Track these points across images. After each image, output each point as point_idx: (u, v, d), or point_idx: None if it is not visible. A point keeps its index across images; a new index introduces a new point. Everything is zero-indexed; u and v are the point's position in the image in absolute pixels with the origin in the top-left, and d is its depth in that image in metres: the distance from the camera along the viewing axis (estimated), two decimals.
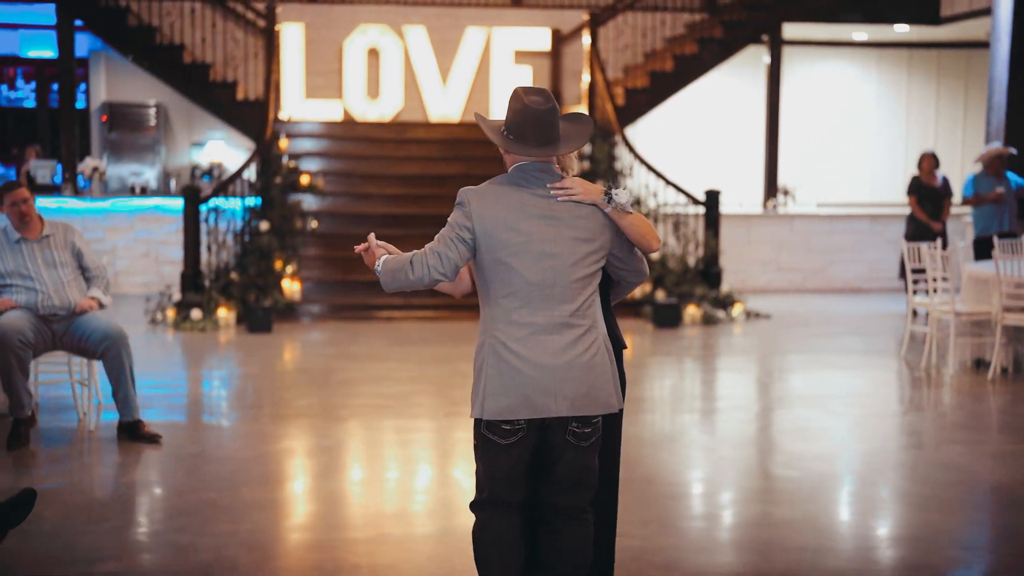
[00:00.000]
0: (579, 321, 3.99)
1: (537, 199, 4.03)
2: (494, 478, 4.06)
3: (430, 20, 16.51)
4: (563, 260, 3.99)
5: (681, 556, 5.33)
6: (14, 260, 7.35)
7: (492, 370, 3.98)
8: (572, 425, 4.00)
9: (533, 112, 4.02)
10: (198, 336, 11.66)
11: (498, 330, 4.00)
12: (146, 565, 5.14)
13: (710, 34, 15.88)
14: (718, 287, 13.36)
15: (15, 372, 7.06)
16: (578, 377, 3.96)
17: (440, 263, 4.02)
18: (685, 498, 6.37)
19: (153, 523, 5.87)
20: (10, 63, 17.10)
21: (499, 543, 4.10)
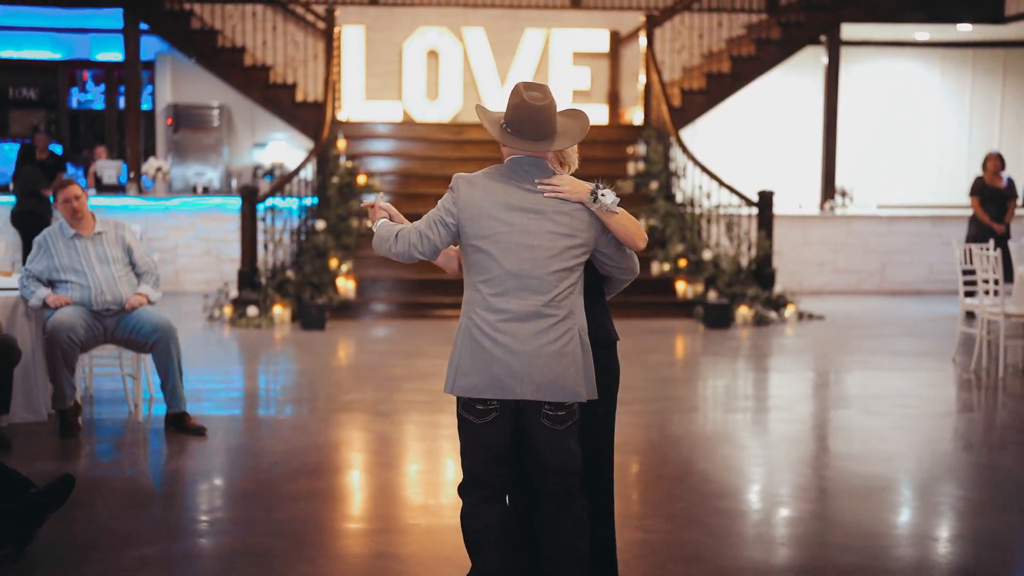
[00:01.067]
0: (553, 311, 4.14)
1: (523, 192, 4.18)
2: (473, 457, 4.22)
3: (489, 22, 16.64)
4: (542, 252, 4.14)
5: (725, 552, 5.38)
6: (68, 256, 7.57)
7: (466, 350, 4.16)
8: (545, 408, 4.14)
9: (531, 107, 4.14)
10: (253, 333, 11.88)
11: (475, 312, 4.17)
12: (176, 550, 5.29)
13: (767, 35, 15.84)
14: (771, 288, 13.33)
15: (60, 366, 7.28)
16: (546, 364, 4.10)
17: (420, 242, 4.23)
18: (725, 496, 6.40)
19: (188, 510, 6.04)
20: (81, 66, 17.47)
21: (485, 528, 4.22)
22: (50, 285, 7.56)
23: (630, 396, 8.85)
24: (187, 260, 14.98)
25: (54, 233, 7.67)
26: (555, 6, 16.80)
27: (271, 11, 15.63)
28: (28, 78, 17.49)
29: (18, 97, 17.46)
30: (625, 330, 11.77)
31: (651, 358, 10.53)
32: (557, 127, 4.23)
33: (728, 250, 13.71)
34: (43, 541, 5.34)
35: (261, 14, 15.55)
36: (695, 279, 13.20)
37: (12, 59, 17.42)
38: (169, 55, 16.50)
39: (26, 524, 5.22)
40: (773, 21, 15.98)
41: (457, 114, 16.44)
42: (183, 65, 16.35)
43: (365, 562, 5.18)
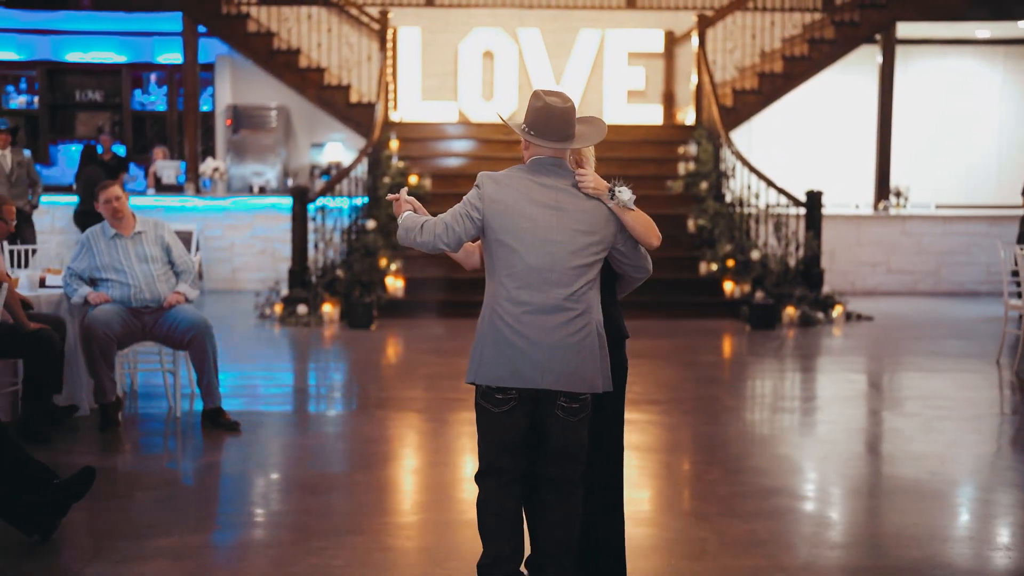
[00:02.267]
0: (573, 305, 4.32)
1: (546, 190, 4.39)
2: (490, 445, 4.40)
3: (544, 22, 16.72)
4: (563, 248, 4.33)
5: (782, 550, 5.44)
6: (109, 255, 7.79)
7: (489, 341, 4.36)
8: (560, 400, 4.32)
9: (553, 110, 4.38)
10: (301, 330, 12.08)
11: (499, 305, 4.36)
12: (192, 541, 5.45)
13: (821, 35, 15.76)
14: (819, 288, 13.28)
15: (99, 362, 7.51)
16: (566, 356, 4.29)
17: (446, 234, 4.40)
18: (773, 495, 6.44)
19: (211, 503, 6.21)
20: (144, 69, 17.85)
21: (500, 514, 4.40)
22: (92, 283, 7.80)
23: (670, 396, 8.92)
24: (243, 259, 15.26)
25: (96, 233, 7.89)
26: (610, 6, 16.83)
27: (326, 13, 15.86)
28: (93, 81, 17.90)
29: (84, 99, 17.87)
30: (670, 330, 11.96)
31: (692, 358, 10.57)
32: (576, 130, 4.45)
33: (776, 250, 13.67)
34: (69, 529, 5.55)
35: (316, 16, 15.79)
36: (742, 279, 13.19)
37: (79, 62, 17.85)
38: (229, 57, 16.81)
39: (50, 514, 5.42)
40: (827, 20, 15.90)
41: (512, 114, 16.53)
42: (243, 67, 16.64)
43: (371, 554, 5.30)
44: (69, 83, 17.95)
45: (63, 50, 17.83)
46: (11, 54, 17.88)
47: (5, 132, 13.12)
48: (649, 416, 8.20)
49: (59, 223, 15.20)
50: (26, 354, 7.26)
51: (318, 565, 5.15)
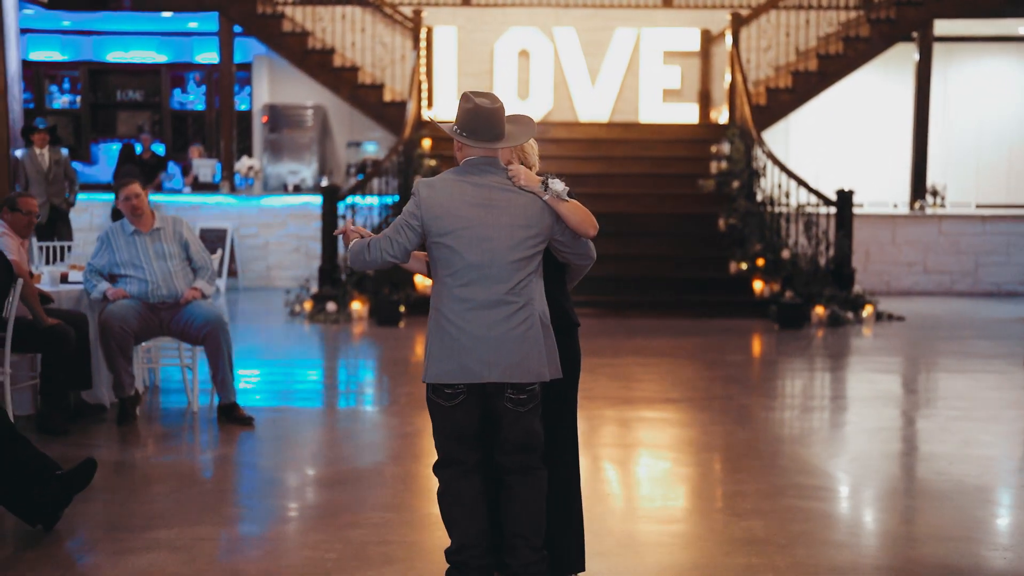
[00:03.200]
0: (514, 298, 4.44)
1: (479, 189, 4.49)
2: (444, 436, 4.55)
3: (580, 21, 16.72)
4: (500, 244, 4.44)
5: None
6: (128, 251, 7.90)
7: (435, 340, 4.49)
8: (508, 392, 4.44)
9: (482, 111, 4.47)
10: (330, 327, 12.18)
11: (442, 304, 4.49)
12: (190, 533, 5.52)
13: (856, 33, 15.64)
14: (849, 288, 13.19)
15: (116, 356, 7.62)
16: (510, 348, 4.41)
17: (391, 247, 4.53)
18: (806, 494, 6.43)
19: (214, 495, 6.27)
20: (183, 68, 18.06)
21: (460, 502, 4.55)
22: (112, 279, 7.92)
23: (686, 394, 8.91)
24: (277, 257, 15.40)
25: (116, 229, 8.01)
26: (646, 5, 16.80)
27: (360, 12, 15.96)
28: (134, 80, 18.15)
29: (124, 99, 18.11)
30: (696, 328, 11.94)
31: (715, 356, 10.54)
32: (506, 129, 4.53)
33: (807, 249, 13.59)
34: (73, 520, 5.65)
35: (350, 16, 15.89)
36: (772, 278, 13.14)
37: (120, 63, 18.10)
38: (266, 57, 16.97)
39: (53, 504, 5.52)
40: (863, 18, 15.78)
41: (548, 113, 16.54)
42: (280, 67, 16.79)
43: (366, 548, 5.35)
44: (110, 83, 18.22)
45: (105, 50, 18.10)
46: (55, 54, 18.17)
47: (43, 131, 13.34)
48: (661, 414, 8.20)
49: (97, 220, 15.41)
50: (43, 349, 7.38)
51: (311, 558, 5.21)
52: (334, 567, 5.09)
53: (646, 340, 11.47)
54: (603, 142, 15.77)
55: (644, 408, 8.39)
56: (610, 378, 9.55)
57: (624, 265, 13.72)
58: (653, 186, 14.91)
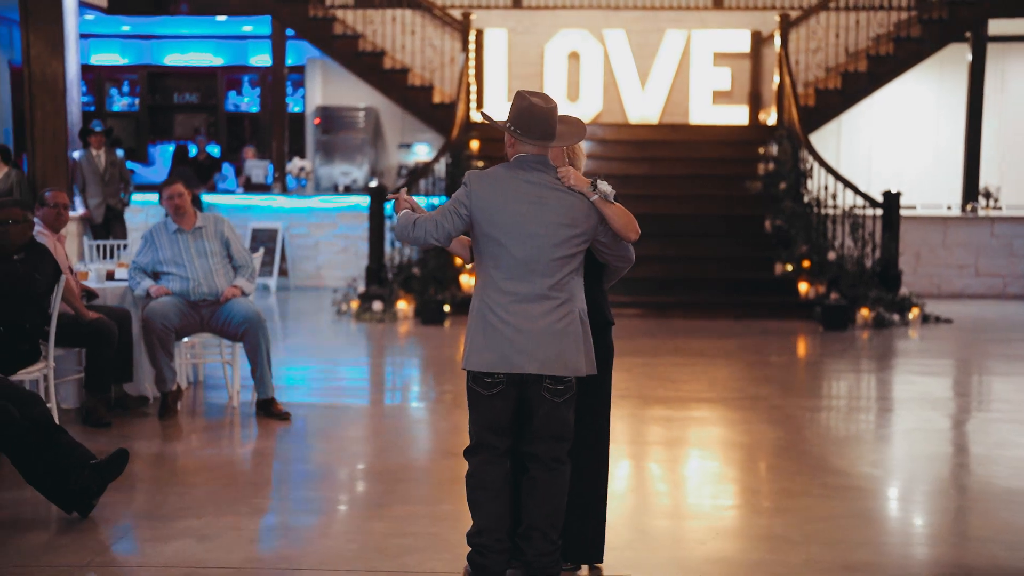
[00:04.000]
0: (556, 294, 4.60)
1: (529, 186, 4.64)
2: (480, 424, 4.70)
3: (630, 23, 16.78)
4: (546, 240, 4.59)
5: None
6: (171, 249, 8.10)
7: (478, 329, 4.65)
8: (546, 382, 4.59)
9: (536, 109, 4.63)
10: (376, 326, 12.34)
11: (487, 295, 4.65)
12: (217, 523, 5.68)
13: (907, 33, 15.55)
14: (896, 290, 13.13)
15: (158, 351, 7.82)
16: (550, 341, 4.56)
17: (435, 230, 4.69)
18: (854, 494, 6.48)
19: (244, 486, 6.41)
20: (238, 71, 18.37)
21: (485, 486, 4.70)
22: (155, 277, 8.12)
23: (720, 395, 8.96)
24: (327, 256, 15.60)
25: (159, 228, 8.22)
26: (696, 7, 16.81)
27: (410, 15, 16.13)
28: (191, 83, 18.49)
29: (181, 101, 18.45)
30: (739, 330, 11.99)
31: (754, 358, 10.55)
32: (557, 129, 4.68)
33: (853, 251, 13.54)
34: (108, 508, 5.84)
35: (400, 18, 16.07)
36: (817, 280, 13.12)
37: (177, 66, 18.44)
38: (320, 60, 17.21)
39: (88, 492, 5.71)
40: (914, 18, 15.68)
41: (598, 115, 16.62)
42: (333, 69, 17.01)
43: (387, 539, 5.47)
44: (168, 85, 18.57)
45: (163, 53, 18.44)
46: (116, 57, 18.54)
47: (100, 133, 13.64)
48: (693, 413, 8.25)
49: (152, 220, 15.67)
50: (86, 344, 7.60)
51: (332, 547, 5.35)
52: (353, 556, 5.23)
53: (687, 340, 11.51)
54: (650, 143, 15.82)
55: (676, 407, 8.45)
56: (647, 377, 9.61)
57: (669, 266, 13.77)
58: (700, 187, 14.93)
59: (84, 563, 5.12)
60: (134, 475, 6.55)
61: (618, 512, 5.83)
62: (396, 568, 5.08)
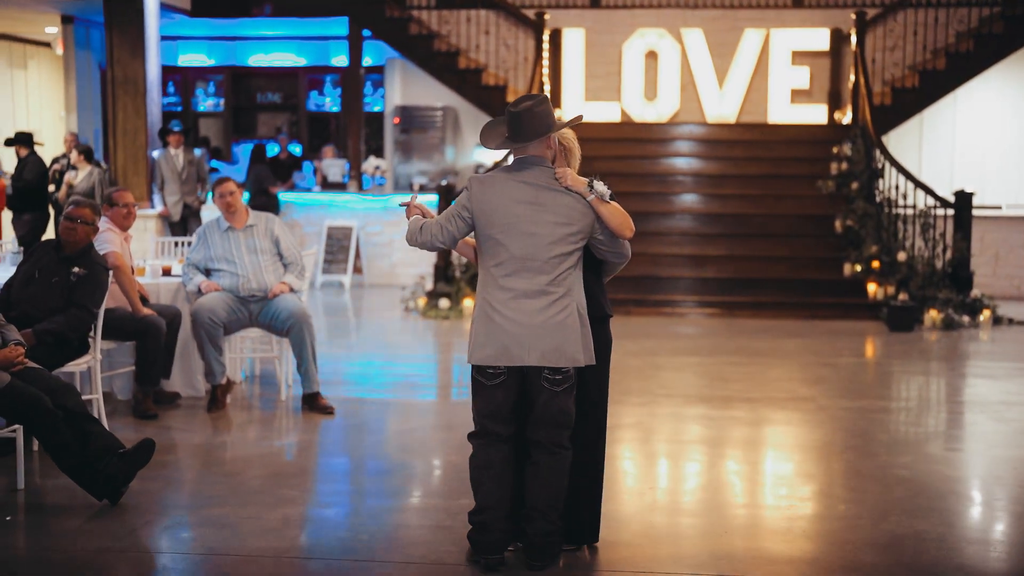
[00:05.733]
0: (554, 289, 4.83)
1: (527, 187, 4.87)
2: (483, 413, 4.96)
3: (707, 23, 16.69)
4: (543, 239, 4.83)
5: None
6: (222, 246, 8.32)
7: (480, 325, 4.90)
8: (545, 372, 4.84)
9: (512, 115, 4.85)
10: (441, 323, 12.49)
11: (488, 293, 4.90)
12: (238, 511, 5.85)
13: (989, 30, 15.25)
14: (967, 291, 12.90)
15: (206, 345, 8.05)
16: (549, 334, 4.80)
17: (441, 233, 5.00)
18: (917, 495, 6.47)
19: (274, 477, 6.54)
20: (320, 71, 18.70)
21: (488, 467, 4.96)
22: (207, 273, 8.35)
23: (766, 394, 8.92)
24: (401, 255, 15.79)
25: (211, 226, 8.45)
26: (775, 5, 16.67)
27: (485, 16, 16.26)
28: (273, 83, 18.87)
29: (264, 101, 18.84)
30: (803, 330, 11.93)
31: (811, 358, 10.47)
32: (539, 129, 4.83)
33: (924, 252, 13.33)
34: (138, 495, 6.05)
35: (476, 18, 16.22)
36: (887, 281, 12.95)
37: (261, 66, 18.84)
38: (399, 60, 17.44)
39: (116, 480, 5.92)
40: (997, 15, 15.35)
41: (675, 114, 16.58)
42: (412, 69, 17.21)
43: (399, 531, 5.59)
44: (251, 85, 18.97)
45: (247, 54, 18.84)
46: (203, 57, 19.00)
47: (178, 132, 14.02)
48: (734, 412, 8.23)
49: None
50: (136, 338, 7.84)
51: (343, 538, 5.49)
52: (361, 547, 5.36)
53: (748, 341, 11.45)
54: (726, 143, 15.76)
55: (720, 406, 8.44)
56: (698, 375, 9.62)
57: (737, 265, 13.71)
58: (773, 187, 14.83)
59: (107, 547, 5.31)
60: (169, 465, 6.78)
61: (625, 507, 5.92)
62: (401, 559, 5.20)
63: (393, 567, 5.10)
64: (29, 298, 7.06)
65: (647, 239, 14.10)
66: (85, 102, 17.43)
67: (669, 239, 14.17)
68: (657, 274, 13.65)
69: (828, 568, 5.14)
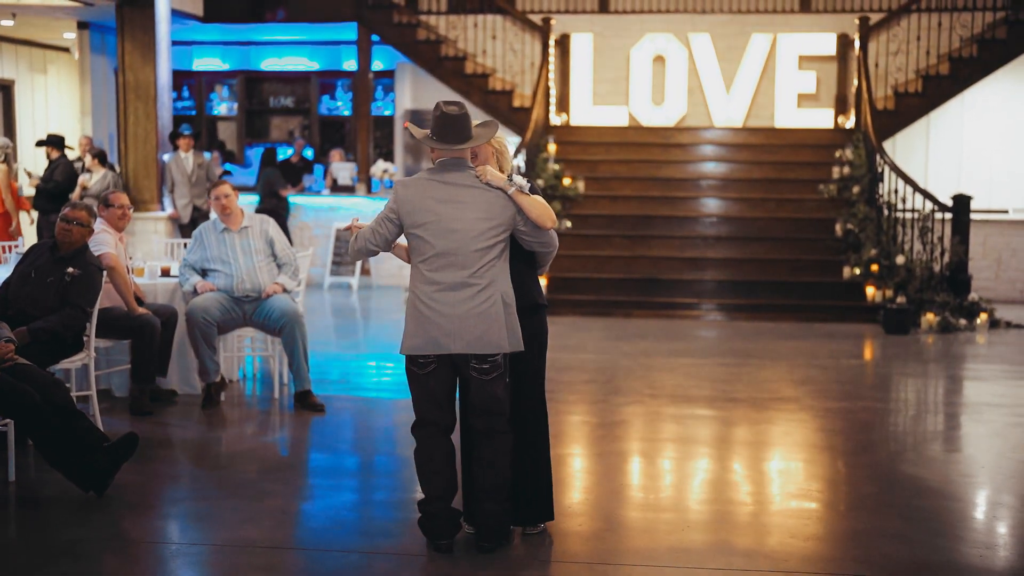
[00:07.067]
0: (477, 281, 5.10)
1: (447, 187, 5.17)
2: (420, 401, 5.26)
3: (716, 27, 16.81)
4: (465, 235, 5.11)
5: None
6: (218, 248, 8.53)
7: (410, 317, 5.20)
8: (472, 362, 5.13)
9: (449, 117, 5.13)
10: None
11: (416, 287, 5.21)
12: (216, 504, 6.05)
13: (993, 35, 15.33)
14: (964, 295, 13.00)
15: (200, 344, 8.25)
16: (472, 323, 5.08)
17: (373, 237, 5.30)
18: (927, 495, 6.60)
19: (257, 471, 6.73)
20: (331, 76, 18.93)
21: (431, 459, 5.27)
22: (203, 274, 8.56)
23: (752, 395, 9.06)
24: None
25: (208, 227, 8.66)
26: (783, 10, 16.77)
27: (491, 21, 16.45)
28: (286, 87, 19.13)
29: (277, 105, 19.10)
30: (800, 332, 12.04)
31: (804, 360, 10.59)
32: (472, 132, 5.16)
33: (922, 255, 13.42)
34: (126, 489, 6.24)
35: (483, 24, 16.41)
36: (885, 284, 13.06)
37: (274, 71, 19.09)
38: (409, 64, 17.64)
39: (102, 472, 6.13)
40: (1000, 20, 15.43)
41: (682, 118, 16.71)
42: (421, 73, 17.42)
43: (372, 522, 5.78)
44: (264, 90, 19.23)
45: (261, 58, 19.10)
46: (217, 62, 19.27)
47: (188, 136, 14.27)
48: (714, 412, 8.38)
49: None
50: (132, 337, 8.06)
51: (316, 529, 5.70)
52: (329, 535, 5.56)
53: (743, 342, 11.59)
54: (730, 147, 15.90)
55: (702, 406, 8.59)
56: (687, 376, 9.76)
57: (738, 269, 13.85)
58: (775, 191, 14.96)
59: (87, 537, 5.51)
60: (159, 459, 6.99)
61: (595, 503, 6.07)
62: (369, 549, 5.38)
63: (358, 557, 5.28)
64: (25, 297, 7.28)
65: (650, 242, 14.27)
66: (100, 106, 17.72)
67: (671, 242, 14.32)
68: (658, 276, 13.80)
69: (781, 558, 5.28)
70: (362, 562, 5.21)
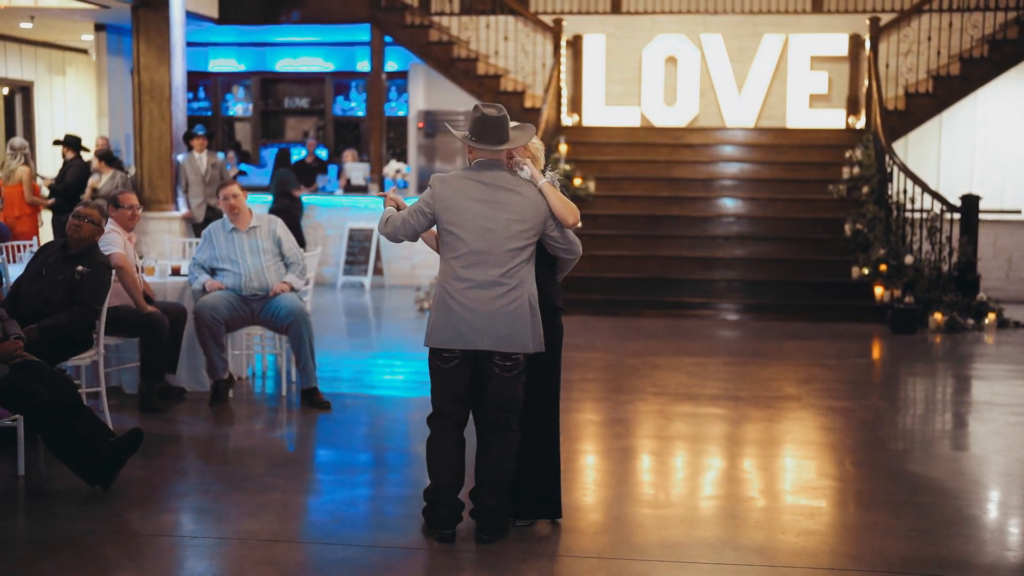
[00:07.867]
0: (507, 280, 5.26)
1: (484, 187, 5.31)
2: (439, 394, 5.41)
3: (727, 28, 16.86)
4: (498, 234, 5.27)
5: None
6: (227, 247, 8.65)
7: (438, 311, 5.35)
8: (496, 358, 5.28)
9: (489, 119, 5.28)
10: None
11: (447, 282, 5.34)
12: (220, 498, 6.17)
13: (1004, 35, 15.34)
14: (973, 294, 13.03)
15: (208, 341, 8.38)
16: (500, 322, 5.23)
17: (403, 226, 5.47)
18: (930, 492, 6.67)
19: (261, 466, 6.84)
20: (346, 76, 19.06)
21: (441, 450, 5.42)
22: (212, 272, 8.68)
23: (753, 393, 9.13)
24: (422, 256, 16.08)
25: (216, 227, 8.79)
26: (794, 11, 16.80)
27: (504, 22, 16.54)
28: (301, 88, 19.27)
29: (292, 106, 19.24)
30: (807, 331, 12.12)
31: (807, 359, 10.65)
32: (509, 135, 5.32)
33: (931, 255, 13.45)
34: (132, 483, 6.37)
35: (495, 25, 16.51)
36: (894, 284, 13.10)
37: (289, 72, 19.23)
38: (422, 65, 17.75)
39: (107, 467, 6.25)
40: (1012, 20, 15.44)
41: (694, 119, 16.76)
42: (434, 74, 17.53)
43: (369, 516, 5.88)
44: (279, 91, 19.38)
45: (276, 59, 19.24)
46: (233, 63, 19.42)
47: (202, 136, 14.41)
48: (715, 410, 8.46)
49: None
50: (141, 334, 8.19)
51: (315, 522, 5.84)
52: (329, 529, 5.67)
53: (750, 342, 11.66)
54: (741, 147, 15.95)
55: (704, 404, 8.67)
56: (691, 375, 9.83)
57: (747, 268, 13.91)
58: (785, 191, 15.01)
59: (92, 529, 5.64)
60: (166, 454, 7.11)
61: (599, 500, 6.15)
62: (367, 543, 5.49)
63: (362, 550, 5.38)
64: (36, 294, 7.41)
65: (659, 242, 14.34)
66: (117, 107, 17.89)
67: (681, 242, 14.39)
68: (667, 276, 13.87)
69: (791, 554, 5.36)
70: (366, 555, 5.32)
